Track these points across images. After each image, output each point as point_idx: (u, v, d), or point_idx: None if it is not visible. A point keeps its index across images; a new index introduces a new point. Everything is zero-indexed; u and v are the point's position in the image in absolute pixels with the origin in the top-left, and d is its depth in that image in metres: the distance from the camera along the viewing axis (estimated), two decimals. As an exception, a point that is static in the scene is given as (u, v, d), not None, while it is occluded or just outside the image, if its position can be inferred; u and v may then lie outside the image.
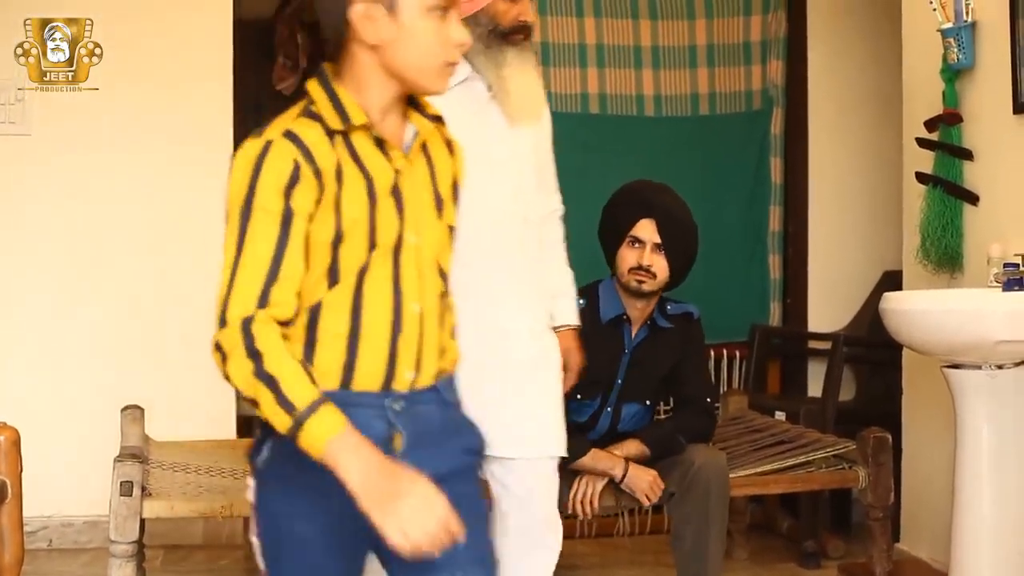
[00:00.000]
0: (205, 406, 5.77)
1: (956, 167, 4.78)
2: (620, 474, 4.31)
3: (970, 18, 4.67)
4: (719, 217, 5.94)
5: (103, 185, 5.80)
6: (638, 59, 6.17)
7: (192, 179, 5.81)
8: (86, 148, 5.77)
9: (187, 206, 5.81)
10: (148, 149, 5.80)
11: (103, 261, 5.79)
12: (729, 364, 5.97)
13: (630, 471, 4.31)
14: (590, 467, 4.33)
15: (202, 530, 5.79)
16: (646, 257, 4.36)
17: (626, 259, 4.39)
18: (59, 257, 5.77)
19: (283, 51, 7.65)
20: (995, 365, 4.07)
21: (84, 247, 5.78)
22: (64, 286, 5.77)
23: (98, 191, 5.80)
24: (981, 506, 4.08)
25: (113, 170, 5.80)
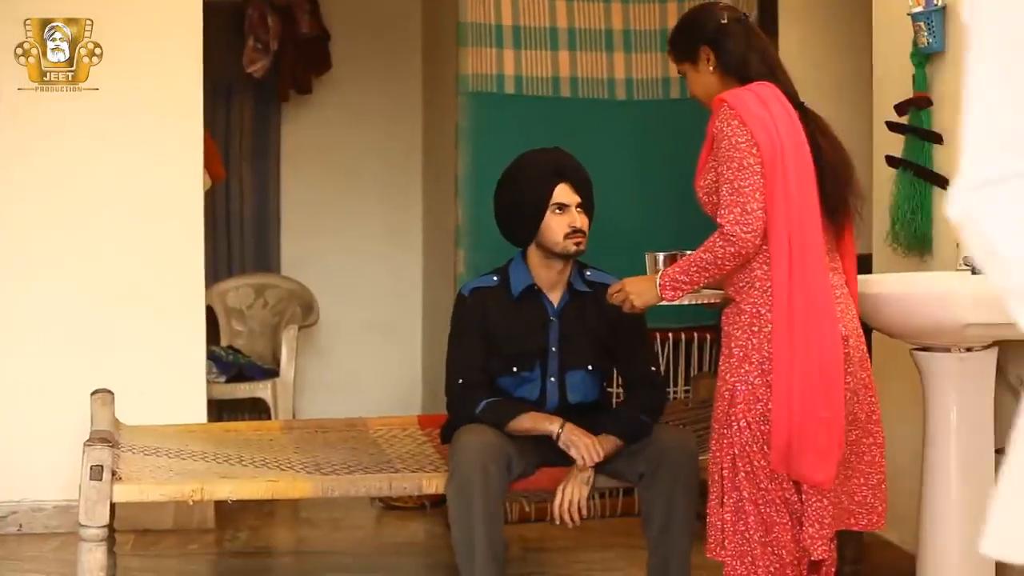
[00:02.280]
0: (175, 390, 5.77)
1: (926, 151, 4.80)
2: (556, 431, 4.33)
3: (940, 2, 4.68)
4: (689, 201, 5.93)
5: (76, 175, 5.78)
6: (609, 42, 6.16)
7: (163, 165, 5.80)
8: (69, 142, 5.76)
9: (157, 190, 5.80)
10: (124, 137, 5.79)
11: (74, 246, 5.77)
12: (699, 347, 5.98)
13: (567, 429, 4.34)
14: (529, 428, 4.36)
15: (172, 514, 5.78)
16: (576, 219, 4.50)
17: (557, 227, 4.50)
18: (30, 243, 5.75)
19: (253, 34, 7.62)
20: (964, 348, 4.09)
21: (55, 234, 5.76)
22: (35, 270, 5.76)
23: (71, 181, 5.78)
24: (949, 489, 4.10)
25: (87, 160, 5.78)
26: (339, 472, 4.55)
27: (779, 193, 3.65)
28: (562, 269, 4.58)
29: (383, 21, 8.06)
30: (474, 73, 5.95)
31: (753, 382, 3.69)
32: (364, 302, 8.05)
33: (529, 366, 4.53)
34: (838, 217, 3.84)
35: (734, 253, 3.66)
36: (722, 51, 3.90)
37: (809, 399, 3.62)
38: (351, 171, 8.06)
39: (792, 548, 3.72)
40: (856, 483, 3.84)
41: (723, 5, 4.06)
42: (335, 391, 7.89)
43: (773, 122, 3.70)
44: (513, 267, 4.62)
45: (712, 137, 3.82)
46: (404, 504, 6.25)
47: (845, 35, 6.14)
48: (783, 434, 3.62)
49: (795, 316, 3.64)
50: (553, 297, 4.59)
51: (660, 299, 3.87)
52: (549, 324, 4.56)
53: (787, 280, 3.65)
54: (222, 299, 7.54)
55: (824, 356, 3.64)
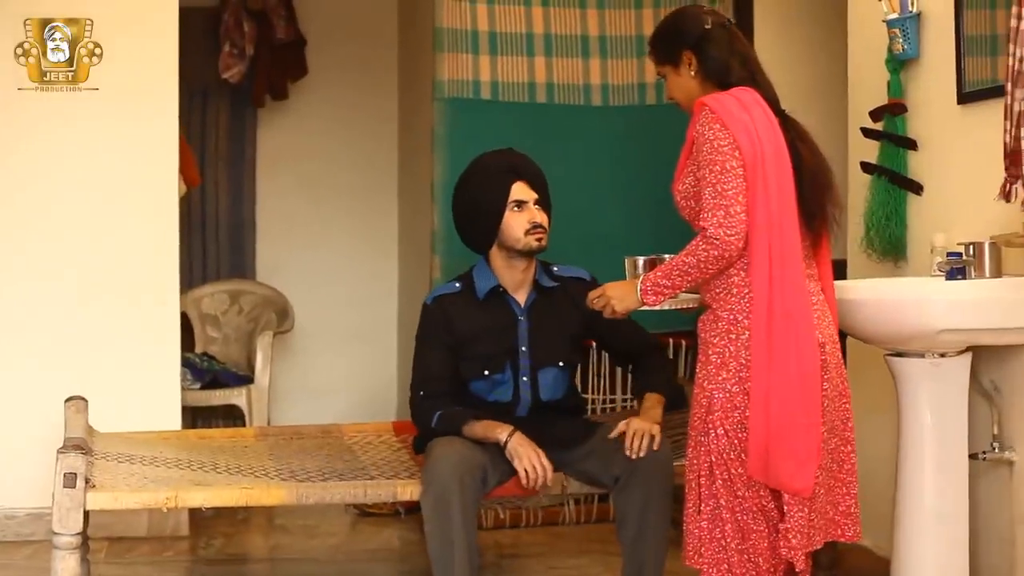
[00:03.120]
0: (150, 397, 5.75)
1: (900, 157, 4.81)
2: (504, 439, 4.34)
3: (915, 9, 4.70)
4: (666, 206, 5.93)
5: (53, 178, 5.76)
6: (585, 48, 6.16)
7: (138, 172, 5.78)
8: (48, 146, 5.76)
9: (132, 195, 5.79)
10: (94, 144, 5.77)
11: (47, 252, 5.74)
12: (675, 353, 5.97)
13: (515, 439, 4.34)
14: (481, 436, 4.37)
15: (146, 522, 5.77)
16: (536, 215, 4.55)
17: (517, 224, 4.54)
18: (2, 249, 5.72)
19: (229, 39, 7.61)
20: (938, 353, 4.10)
21: (29, 239, 5.74)
22: (8, 276, 5.73)
23: (46, 184, 5.76)
24: (923, 494, 4.11)
25: (68, 164, 5.77)
26: (314, 479, 4.54)
27: (760, 198, 3.66)
28: (526, 268, 4.61)
29: (359, 27, 8.05)
30: (450, 79, 5.95)
31: (731, 389, 3.69)
32: (339, 308, 8.04)
33: (500, 367, 4.54)
34: (815, 224, 3.84)
35: (717, 256, 3.66)
36: (704, 56, 3.90)
37: (787, 406, 3.62)
38: (327, 177, 8.05)
39: (769, 556, 3.72)
40: (839, 492, 3.84)
41: (707, 9, 4.06)
42: (310, 398, 7.87)
43: (754, 127, 3.70)
44: (477, 271, 4.64)
45: (692, 141, 3.82)
46: (379, 511, 6.24)
47: (820, 40, 6.16)
48: (761, 441, 3.62)
49: (774, 323, 3.64)
50: (519, 297, 4.61)
51: (641, 304, 3.86)
52: (517, 323, 4.58)
53: (767, 286, 3.65)
54: (197, 305, 7.52)
55: (802, 363, 3.64)
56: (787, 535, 3.67)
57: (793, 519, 3.67)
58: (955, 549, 4.12)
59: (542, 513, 6.05)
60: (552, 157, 5.59)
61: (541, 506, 5.98)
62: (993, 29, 4.35)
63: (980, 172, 4.25)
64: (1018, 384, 4.17)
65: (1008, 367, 4.19)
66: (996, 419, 4.23)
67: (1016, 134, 3.79)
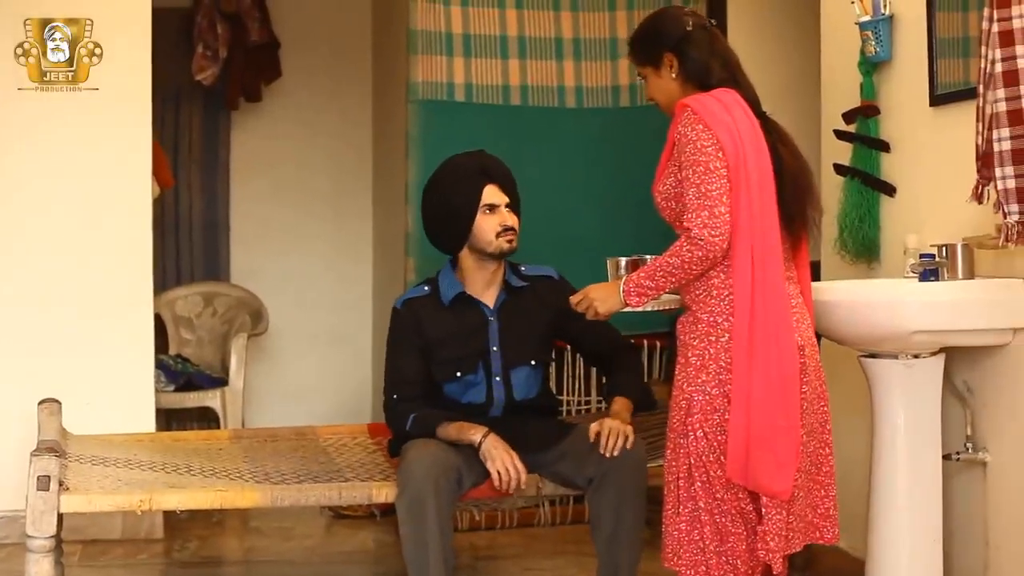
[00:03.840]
0: (124, 399, 5.74)
1: (873, 159, 4.83)
2: (479, 440, 4.34)
3: (888, 11, 4.71)
4: (640, 209, 5.94)
5: (32, 179, 5.75)
6: (559, 51, 6.17)
7: (110, 174, 5.77)
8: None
9: (105, 197, 5.77)
10: (66, 147, 5.76)
11: (19, 255, 5.72)
12: (650, 355, 5.99)
13: (489, 441, 4.34)
14: (455, 437, 4.37)
15: (121, 524, 5.75)
16: (507, 218, 4.55)
17: (488, 227, 4.55)
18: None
19: (203, 41, 7.59)
20: (911, 355, 4.11)
21: (3, 241, 5.72)
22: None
23: (25, 185, 5.75)
24: (897, 495, 4.12)
25: (35, 170, 5.75)
26: (289, 481, 4.53)
27: (743, 200, 3.65)
28: (496, 270, 4.62)
29: (333, 29, 8.04)
30: (424, 81, 5.95)
31: (710, 392, 3.69)
32: (314, 310, 8.03)
33: (472, 368, 4.55)
34: (795, 227, 3.84)
35: (702, 257, 3.65)
36: (686, 58, 3.88)
37: (767, 409, 3.62)
38: (301, 179, 8.04)
39: (747, 558, 3.72)
40: (818, 495, 3.85)
41: (687, 11, 4.05)
42: (285, 400, 7.86)
43: (736, 128, 3.70)
44: (442, 277, 4.65)
45: (673, 142, 3.80)
46: (354, 513, 6.23)
47: (793, 42, 6.17)
48: (741, 443, 3.62)
49: (755, 325, 3.64)
50: (488, 297, 4.61)
51: (625, 305, 3.85)
52: (487, 324, 4.59)
53: (749, 289, 3.65)
54: (171, 307, 7.51)
55: (782, 366, 3.65)
56: (765, 537, 3.68)
57: (771, 521, 3.67)
58: (929, 550, 4.13)
59: (517, 515, 6.05)
60: (526, 159, 5.60)
61: (516, 508, 5.99)
62: (965, 31, 4.37)
63: (952, 174, 4.27)
64: (991, 385, 4.18)
65: (981, 368, 4.20)
66: (969, 420, 4.25)
67: (988, 136, 3.81)
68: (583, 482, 4.36)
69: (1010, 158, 3.76)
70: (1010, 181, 3.77)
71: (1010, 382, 4.09)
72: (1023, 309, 3.99)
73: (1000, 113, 3.76)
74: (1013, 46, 3.73)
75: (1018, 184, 3.76)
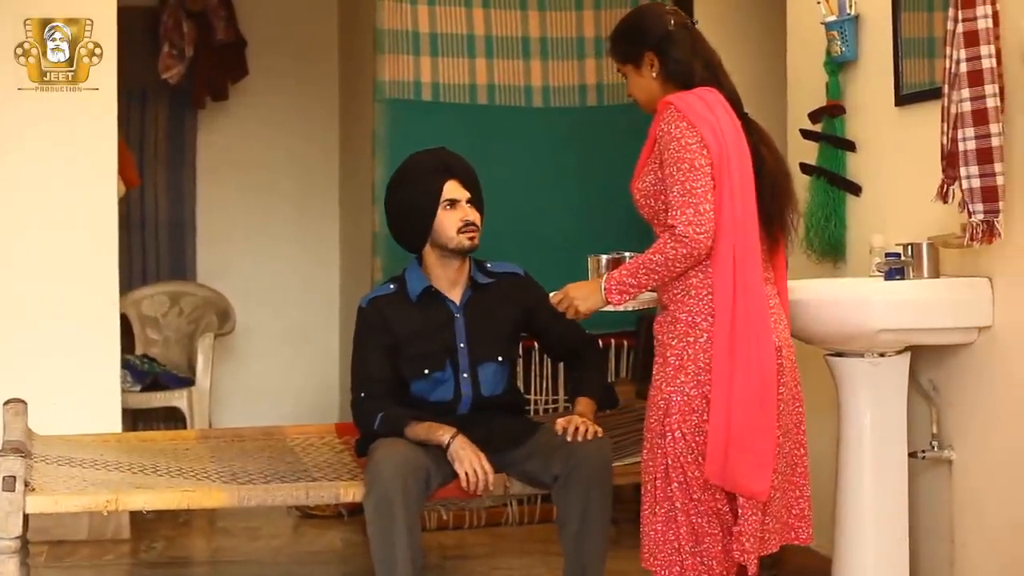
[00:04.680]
0: (90, 399, 5.71)
1: (839, 158, 4.85)
2: (447, 441, 4.34)
3: (853, 11, 4.73)
4: (607, 208, 5.96)
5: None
6: (526, 50, 6.17)
7: (78, 174, 5.75)
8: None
9: (70, 197, 5.74)
10: (34, 150, 5.75)
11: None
12: (616, 354, 6.00)
13: (458, 442, 4.34)
14: (424, 437, 4.37)
15: (87, 525, 5.73)
16: (468, 213, 4.56)
17: (449, 223, 4.55)
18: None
19: (168, 40, 7.56)
20: (877, 353, 4.14)
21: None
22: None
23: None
24: (863, 493, 4.14)
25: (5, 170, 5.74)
26: (256, 481, 4.52)
27: (726, 199, 3.64)
28: (460, 267, 4.62)
29: (299, 28, 8.03)
30: (391, 80, 5.94)
31: (689, 393, 3.68)
32: (281, 310, 8.01)
33: (439, 365, 4.55)
34: (773, 228, 3.83)
35: (686, 255, 3.63)
36: (667, 58, 3.85)
37: (747, 410, 3.61)
38: (267, 178, 8.02)
39: (722, 559, 3.72)
40: (793, 496, 3.85)
41: (669, 9, 4.00)
42: (252, 399, 7.84)
43: (719, 127, 3.69)
44: (409, 273, 4.65)
45: (654, 139, 3.78)
46: (322, 513, 6.22)
47: (760, 44, 6.19)
48: (720, 444, 3.61)
49: (736, 326, 3.63)
50: (455, 294, 4.62)
51: (606, 303, 3.82)
52: (453, 321, 4.59)
53: (731, 289, 3.64)
54: (137, 307, 7.48)
55: (762, 367, 3.64)
56: (740, 538, 3.67)
57: (747, 522, 3.67)
58: (895, 547, 4.16)
59: (485, 514, 6.05)
60: (493, 158, 5.61)
61: (484, 507, 5.99)
62: (930, 32, 4.39)
63: (918, 173, 4.29)
64: (956, 383, 4.21)
65: (946, 366, 4.23)
66: (935, 418, 4.27)
67: (953, 136, 3.83)
68: (549, 480, 4.37)
69: (975, 158, 3.78)
70: (975, 180, 3.79)
71: (975, 380, 4.11)
72: (988, 308, 4.02)
73: (965, 113, 3.79)
74: (978, 46, 3.76)
75: (983, 183, 3.78)
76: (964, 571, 4.20)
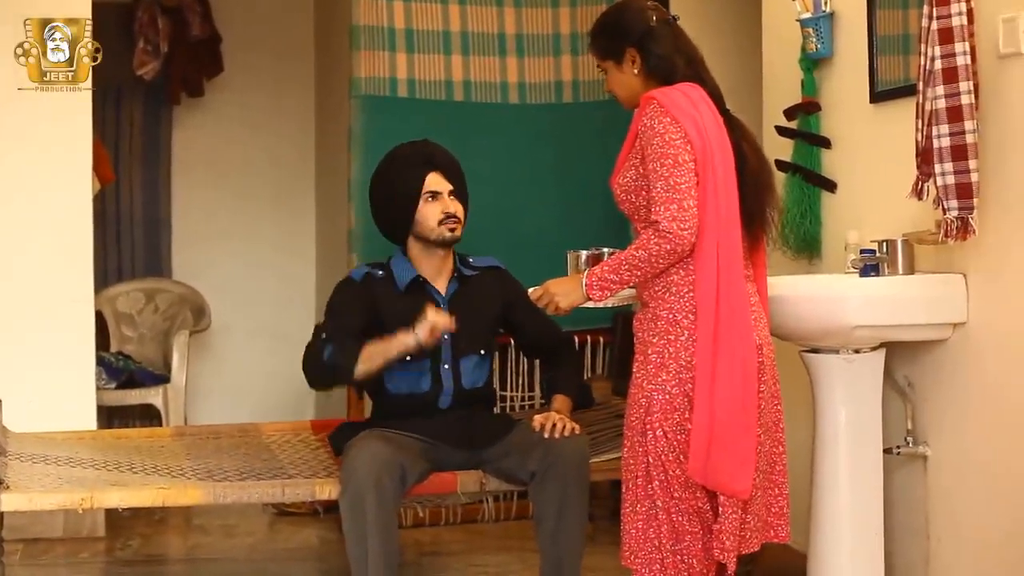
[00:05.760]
0: (65, 397, 5.69)
1: (814, 155, 4.86)
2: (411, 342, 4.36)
3: (829, 8, 4.74)
4: (583, 204, 5.97)
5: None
6: (503, 47, 6.18)
7: (52, 171, 5.73)
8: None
9: (44, 193, 5.72)
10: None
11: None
12: (593, 350, 6.00)
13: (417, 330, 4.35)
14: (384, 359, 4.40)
15: (62, 523, 5.71)
16: (449, 205, 4.58)
17: (431, 214, 4.58)
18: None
19: (143, 36, 7.54)
20: (852, 350, 4.14)
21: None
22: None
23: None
24: (839, 489, 4.15)
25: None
26: (231, 478, 4.51)
27: (709, 195, 3.62)
28: (444, 257, 4.64)
29: (275, 24, 8.01)
30: (367, 76, 5.94)
31: (671, 391, 3.66)
32: (256, 306, 7.99)
33: (421, 353, 4.51)
34: (754, 225, 3.81)
35: (670, 250, 3.60)
36: (649, 54, 3.82)
37: (730, 408, 3.60)
38: (243, 174, 8.00)
39: (702, 558, 3.71)
40: (772, 494, 3.84)
41: (651, 5, 3.94)
42: (227, 396, 7.83)
43: (703, 124, 3.67)
44: (395, 262, 4.66)
45: (636, 134, 3.76)
46: (297, 510, 6.21)
47: (735, 40, 6.19)
48: (703, 443, 3.59)
49: (720, 324, 3.61)
50: (440, 285, 4.63)
51: (587, 299, 3.78)
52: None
53: (714, 287, 3.62)
54: (112, 304, 7.45)
55: (744, 365, 3.63)
56: (720, 536, 3.66)
57: (727, 520, 3.66)
58: (870, 543, 4.17)
59: (461, 511, 6.05)
60: (469, 155, 5.58)
61: (460, 504, 5.99)
62: (905, 29, 4.40)
63: (893, 170, 4.29)
64: (931, 379, 4.22)
65: (921, 362, 4.24)
66: (910, 414, 4.28)
67: (928, 132, 3.84)
68: (526, 476, 4.37)
69: (949, 154, 3.79)
70: (949, 177, 3.80)
71: (950, 376, 4.13)
72: (962, 304, 4.03)
73: (939, 110, 3.80)
74: (952, 43, 3.77)
75: (957, 180, 3.79)
76: (939, 566, 4.22)
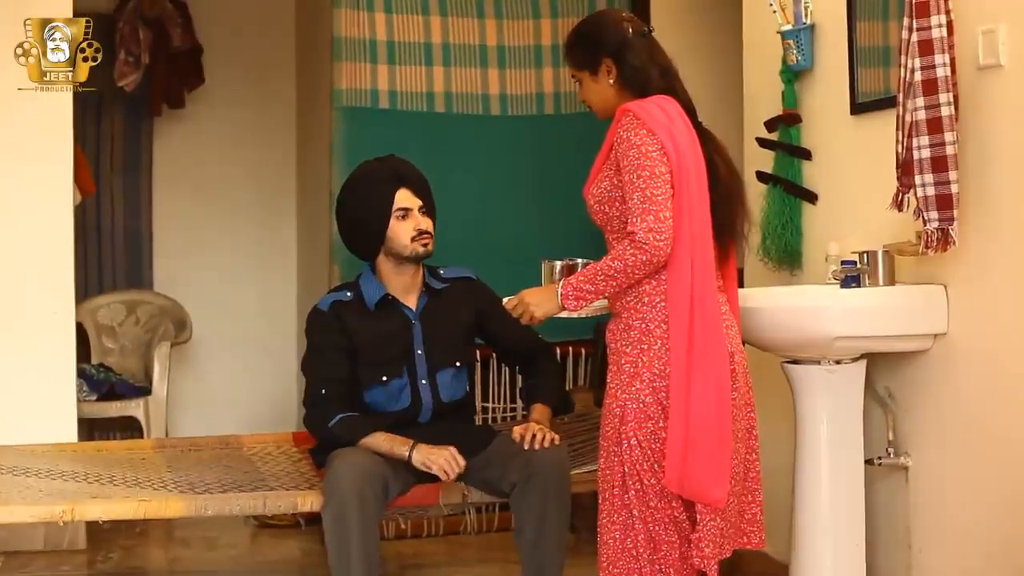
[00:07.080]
0: (45, 409, 5.67)
1: (795, 167, 4.87)
2: (407, 454, 4.36)
3: (809, 20, 4.76)
4: (563, 216, 5.97)
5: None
6: (484, 58, 6.18)
7: (31, 178, 5.71)
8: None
9: (25, 204, 5.70)
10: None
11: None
12: (574, 362, 6.00)
13: (420, 451, 4.36)
14: (387, 449, 4.37)
15: (43, 535, 5.69)
16: (421, 222, 4.58)
17: (403, 231, 4.57)
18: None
19: (125, 47, 7.53)
20: (833, 361, 4.15)
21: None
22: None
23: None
24: (820, 499, 4.15)
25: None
26: (213, 490, 4.51)
27: (684, 207, 3.62)
28: (414, 273, 4.64)
29: (256, 35, 8.01)
30: (348, 88, 5.94)
31: (644, 400, 3.66)
32: (237, 318, 7.98)
33: (397, 371, 4.55)
34: (724, 237, 3.83)
35: (645, 261, 3.60)
36: (624, 65, 3.83)
37: (705, 417, 3.60)
38: (224, 186, 7.99)
39: (680, 567, 3.71)
40: (745, 501, 3.85)
41: (627, 16, 3.96)
42: (209, 408, 7.81)
43: (678, 137, 3.68)
44: (364, 281, 4.65)
45: (611, 145, 3.77)
46: (279, 522, 6.20)
47: (716, 53, 6.21)
48: (678, 453, 3.60)
49: (695, 334, 3.62)
50: (410, 301, 4.63)
51: (562, 309, 3.78)
52: (411, 327, 4.60)
53: (687, 298, 3.62)
54: (93, 316, 7.43)
55: (718, 373, 3.64)
56: (700, 544, 3.66)
57: (706, 528, 3.66)
58: (852, 554, 4.17)
59: (443, 522, 6.04)
60: (451, 167, 5.62)
61: (442, 515, 5.98)
62: (885, 41, 4.42)
63: (873, 181, 4.31)
64: (912, 390, 4.23)
65: (902, 374, 4.25)
66: (891, 425, 4.29)
67: (908, 144, 3.85)
68: (507, 487, 4.37)
69: (929, 166, 3.80)
70: (930, 188, 3.81)
71: (931, 387, 4.14)
72: (943, 315, 4.04)
73: (919, 121, 3.81)
74: (932, 55, 3.78)
75: (938, 191, 3.80)
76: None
